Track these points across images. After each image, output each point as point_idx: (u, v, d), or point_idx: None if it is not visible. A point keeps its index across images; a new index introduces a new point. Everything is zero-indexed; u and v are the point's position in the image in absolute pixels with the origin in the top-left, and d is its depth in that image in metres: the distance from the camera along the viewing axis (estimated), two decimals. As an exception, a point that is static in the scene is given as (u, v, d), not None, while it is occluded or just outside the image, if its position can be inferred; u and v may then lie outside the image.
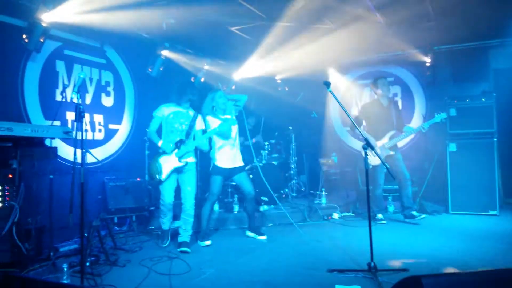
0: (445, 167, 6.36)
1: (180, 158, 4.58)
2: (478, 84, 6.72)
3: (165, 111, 4.70)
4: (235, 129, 5.02)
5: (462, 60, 7.05)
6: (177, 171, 4.65)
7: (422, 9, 5.65)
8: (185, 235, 4.69)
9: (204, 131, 4.76)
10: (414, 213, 5.66)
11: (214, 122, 4.82)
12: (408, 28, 6.23)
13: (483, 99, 6.24)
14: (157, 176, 4.56)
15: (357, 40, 6.81)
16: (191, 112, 4.78)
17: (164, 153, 4.61)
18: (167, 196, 4.64)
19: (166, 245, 4.79)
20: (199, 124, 4.78)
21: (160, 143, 4.64)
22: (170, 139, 4.64)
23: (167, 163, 4.57)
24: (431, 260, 3.90)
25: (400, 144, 6.02)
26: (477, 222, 5.66)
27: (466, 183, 6.17)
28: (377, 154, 5.30)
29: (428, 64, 7.35)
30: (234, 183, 7.02)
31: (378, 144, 5.73)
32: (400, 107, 7.25)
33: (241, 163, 5.07)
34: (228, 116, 4.91)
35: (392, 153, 5.73)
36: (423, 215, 5.64)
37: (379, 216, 5.83)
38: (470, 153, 6.21)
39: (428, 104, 7.63)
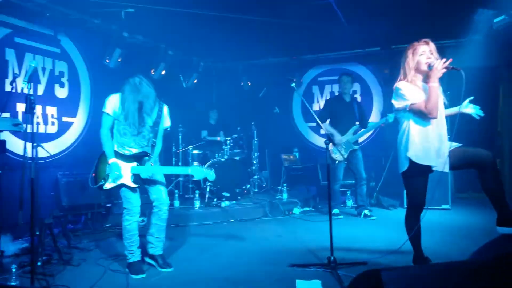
0: (401, 163, 6.56)
1: (134, 178, 3.59)
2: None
3: (117, 105, 3.59)
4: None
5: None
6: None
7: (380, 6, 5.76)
8: (159, 246, 3.77)
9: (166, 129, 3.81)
10: (366, 212, 5.85)
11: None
12: (367, 26, 6.34)
13: (437, 97, 6.47)
14: (102, 182, 3.62)
15: (319, 36, 6.88)
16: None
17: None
18: (134, 198, 3.65)
19: (142, 276, 3.57)
20: (167, 121, 3.81)
21: (110, 161, 3.58)
22: (121, 143, 3.68)
23: (115, 177, 3.59)
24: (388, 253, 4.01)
25: (360, 139, 6.16)
26: (431, 215, 5.83)
27: (420, 178, 6.39)
28: (339, 151, 5.44)
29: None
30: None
31: (343, 139, 5.79)
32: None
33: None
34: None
35: (356, 147, 5.85)
36: (374, 217, 5.79)
37: (335, 210, 5.92)
38: (425, 149, 6.43)
39: (386, 101, 7.85)
